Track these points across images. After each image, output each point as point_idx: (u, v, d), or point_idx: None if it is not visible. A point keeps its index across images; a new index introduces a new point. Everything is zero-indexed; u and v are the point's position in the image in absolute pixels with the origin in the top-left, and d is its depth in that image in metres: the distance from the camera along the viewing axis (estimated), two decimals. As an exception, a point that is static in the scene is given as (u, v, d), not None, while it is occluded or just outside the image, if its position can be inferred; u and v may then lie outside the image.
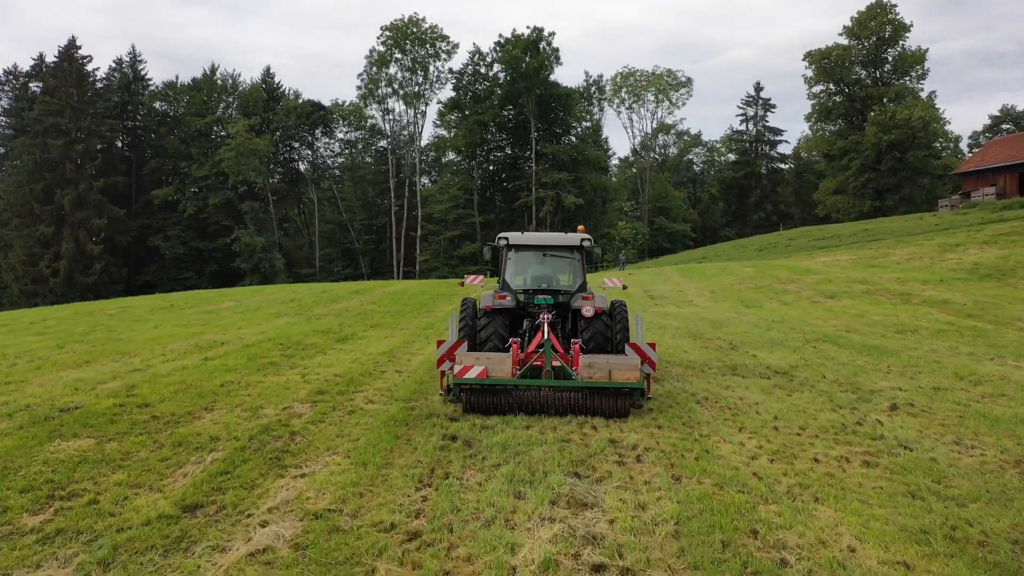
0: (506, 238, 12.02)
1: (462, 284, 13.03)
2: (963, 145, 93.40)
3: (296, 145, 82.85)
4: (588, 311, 11.12)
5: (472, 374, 9.27)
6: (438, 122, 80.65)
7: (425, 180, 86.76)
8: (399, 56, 77.01)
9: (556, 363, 9.87)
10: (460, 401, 9.57)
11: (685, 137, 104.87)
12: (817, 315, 21.84)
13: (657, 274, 39.04)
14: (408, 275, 74.22)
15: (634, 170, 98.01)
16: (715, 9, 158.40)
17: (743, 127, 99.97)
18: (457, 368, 9.40)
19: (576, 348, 10.21)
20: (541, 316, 10.95)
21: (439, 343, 10.40)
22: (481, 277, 12.65)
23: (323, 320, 21.23)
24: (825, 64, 76.51)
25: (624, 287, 13.33)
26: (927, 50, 74.09)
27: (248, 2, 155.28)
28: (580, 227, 13.32)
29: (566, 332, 11.78)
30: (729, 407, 10.04)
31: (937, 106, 72.60)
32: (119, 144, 78.84)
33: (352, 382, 11.55)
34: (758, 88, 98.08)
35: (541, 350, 9.91)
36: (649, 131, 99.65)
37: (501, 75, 75.59)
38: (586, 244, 11.96)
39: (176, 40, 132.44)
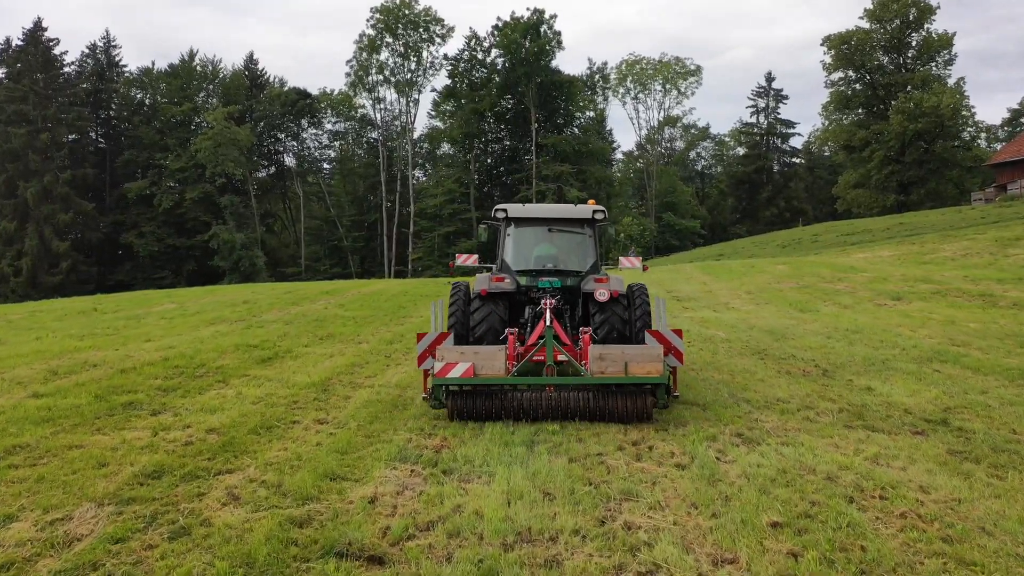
0: (504, 210, 10.36)
1: (452, 266, 11.41)
2: (980, 141, 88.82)
3: (281, 136, 77.82)
4: (602, 295, 9.49)
5: (456, 372, 7.77)
6: (432, 112, 75.72)
7: (418, 174, 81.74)
8: (390, 41, 72.03)
9: (561, 357, 8.51)
10: (444, 406, 7.94)
11: (692, 130, 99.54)
12: (894, 322, 17.20)
13: (676, 272, 34.21)
14: (400, 274, 69.23)
15: (640, 164, 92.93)
16: (715, 9, 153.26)
17: (753, 119, 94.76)
18: (438, 366, 7.83)
19: (586, 339, 8.85)
20: (543, 302, 9.36)
21: (420, 336, 8.70)
22: (475, 256, 10.90)
23: (264, 329, 16.41)
24: (844, 50, 71.44)
25: (645, 268, 11.43)
26: (954, 34, 69.29)
27: (248, 2, 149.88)
28: (591, 200, 11.68)
29: (576, 321, 10.24)
30: (918, 514, 5.24)
31: (966, 93, 67.86)
32: (91, 134, 73.70)
33: (229, 447, 6.74)
34: (769, 78, 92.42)
35: (542, 342, 8.46)
36: (655, 124, 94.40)
37: (499, 61, 70.70)
38: (599, 217, 10.38)
39: (176, 40, 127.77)
